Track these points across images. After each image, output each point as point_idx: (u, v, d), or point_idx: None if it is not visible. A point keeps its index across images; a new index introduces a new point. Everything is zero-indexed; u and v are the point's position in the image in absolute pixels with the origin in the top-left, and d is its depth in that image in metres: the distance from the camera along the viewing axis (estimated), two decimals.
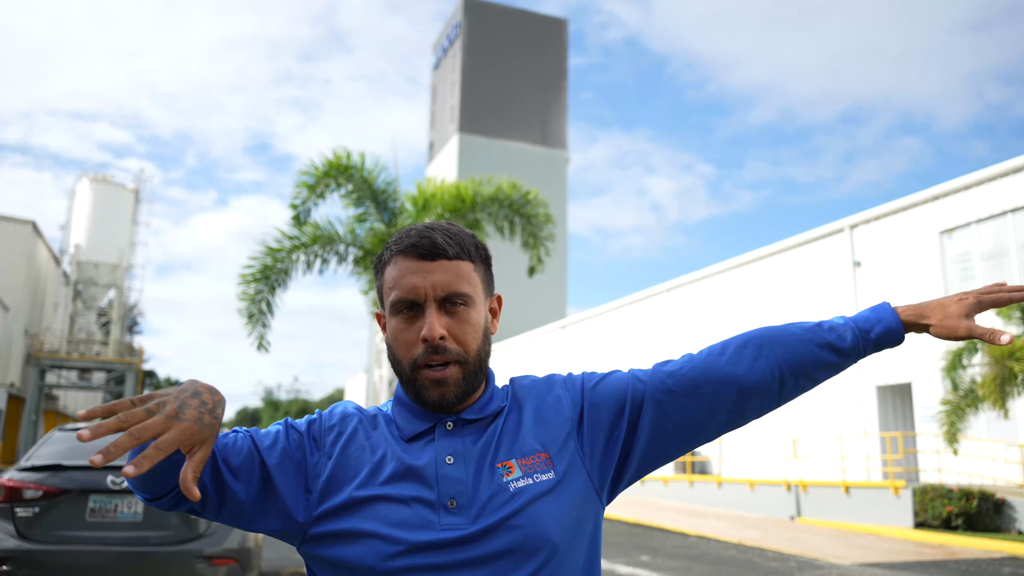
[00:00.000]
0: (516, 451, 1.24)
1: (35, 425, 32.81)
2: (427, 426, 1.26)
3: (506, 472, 1.21)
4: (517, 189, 10.94)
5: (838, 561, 11.12)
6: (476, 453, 1.24)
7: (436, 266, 1.23)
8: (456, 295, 1.24)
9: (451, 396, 1.23)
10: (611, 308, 31.99)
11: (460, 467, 1.22)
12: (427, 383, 1.23)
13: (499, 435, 1.26)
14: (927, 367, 17.90)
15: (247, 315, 10.58)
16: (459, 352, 1.23)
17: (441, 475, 1.21)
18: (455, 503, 1.19)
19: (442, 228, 1.27)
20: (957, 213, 18.17)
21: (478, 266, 1.29)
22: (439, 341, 1.21)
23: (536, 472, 1.22)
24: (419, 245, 1.24)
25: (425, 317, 1.22)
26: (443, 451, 1.23)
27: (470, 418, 1.26)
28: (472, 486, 1.20)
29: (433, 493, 1.19)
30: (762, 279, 23.72)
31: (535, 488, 1.20)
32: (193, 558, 5.23)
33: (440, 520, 1.18)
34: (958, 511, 14.28)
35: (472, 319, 1.25)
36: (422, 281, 1.22)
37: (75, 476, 5.22)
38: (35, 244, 33.86)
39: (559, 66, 69.76)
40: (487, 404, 1.29)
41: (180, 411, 1.04)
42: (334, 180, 10.63)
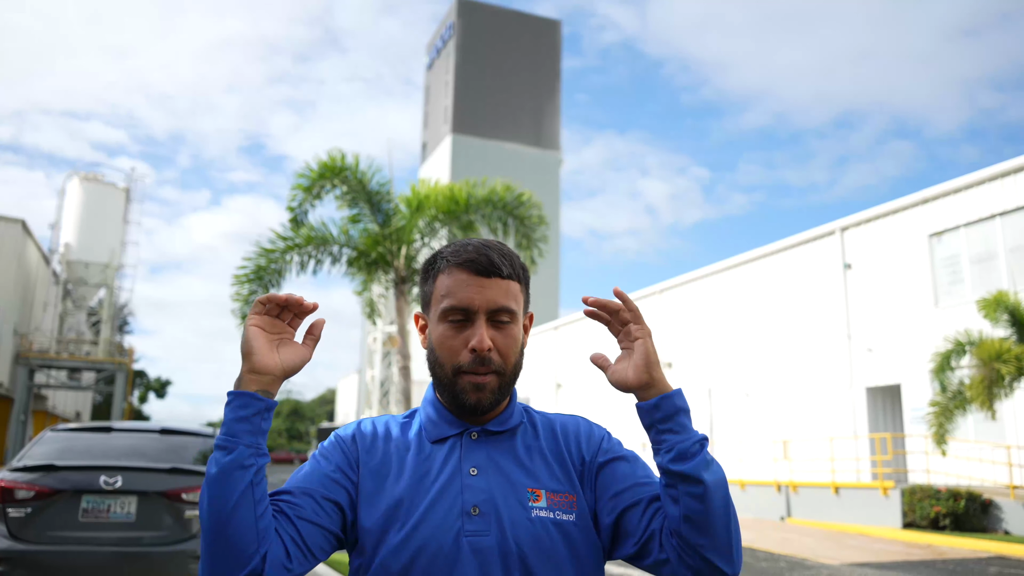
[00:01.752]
0: (548, 484, 1.31)
1: (24, 425, 32.63)
2: (454, 432, 1.34)
3: (534, 499, 1.29)
4: (511, 191, 10.97)
5: (828, 561, 11.18)
6: (498, 467, 1.31)
7: (491, 283, 1.31)
8: (505, 311, 1.32)
9: (487, 402, 1.31)
10: None
11: (483, 479, 1.29)
12: (467, 387, 1.30)
13: (530, 458, 1.34)
14: (916, 369, 18.01)
15: (240, 316, 10.57)
16: (500, 364, 1.31)
17: (465, 485, 1.28)
18: (477, 510, 1.26)
19: (497, 248, 1.35)
20: (947, 216, 18.28)
21: (522, 286, 1.38)
22: (486, 353, 1.29)
23: (559, 510, 1.29)
24: (477, 261, 1.32)
25: (475, 328, 1.30)
26: (467, 462, 1.31)
27: (494, 430, 1.34)
28: (494, 497, 1.27)
29: (458, 499, 1.27)
30: (754, 281, 23.81)
31: (553, 523, 1.27)
32: (186, 558, 5.23)
33: (464, 526, 1.25)
34: (946, 512, 14.38)
35: (514, 335, 1.34)
36: (477, 295, 1.30)
37: (68, 476, 5.22)
38: (25, 243, 33.69)
39: (553, 67, 69.82)
40: (509, 418, 1.37)
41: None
42: (329, 182, 10.64)
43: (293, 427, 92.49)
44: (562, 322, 35.31)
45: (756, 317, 23.39)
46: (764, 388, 22.71)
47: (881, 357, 19.26)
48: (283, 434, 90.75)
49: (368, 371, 60.44)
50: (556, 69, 69.90)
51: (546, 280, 58.40)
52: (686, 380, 26.22)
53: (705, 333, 25.59)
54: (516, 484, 1.29)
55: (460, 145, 63.74)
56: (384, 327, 52.27)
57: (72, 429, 6.05)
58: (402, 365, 10.68)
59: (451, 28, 67.60)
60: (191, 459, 5.79)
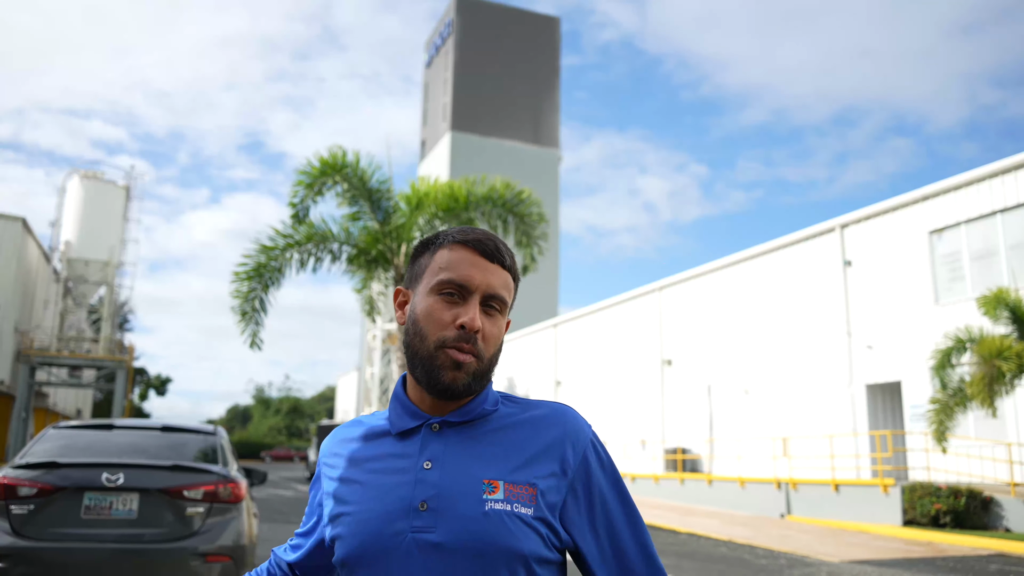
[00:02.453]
0: (507, 474, 1.25)
1: (25, 423, 32.65)
2: (415, 424, 1.31)
3: (490, 490, 1.23)
4: (511, 188, 10.96)
5: (828, 559, 11.20)
6: (455, 460, 1.27)
7: (492, 268, 1.31)
8: (498, 299, 1.31)
9: (461, 383, 1.26)
10: (603, 307, 32.04)
11: (436, 472, 1.25)
12: (447, 363, 1.26)
13: (491, 448, 1.28)
14: (917, 366, 18.02)
15: (240, 313, 10.56)
16: (482, 350, 1.28)
17: (418, 479, 1.25)
18: (425, 506, 1.22)
19: (500, 239, 1.36)
20: (947, 213, 18.28)
21: (514, 286, 1.37)
22: (474, 333, 1.27)
23: (517, 502, 1.23)
24: (484, 243, 1.31)
25: (468, 306, 1.27)
26: (424, 455, 1.27)
27: (455, 420, 1.30)
28: (445, 492, 1.23)
29: (409, 492, 1.24)
30: (754, 278, 23.80)
31: (508, 515, 1.22)
32: (188, 555, 5.23)
33: (411, 522, 1.21)
34: (946, 509, 14.39)
35: (499, 326, 1.32)
36: (478, 275, 1.29)
37: (70, 474, 5.22)
38: (25, 241, 33.68)
39: (552, 64, 69.78)
40: (473, 409, 1.31)
41: None
42: (331, 179, 10.63)
43: (293, 424, 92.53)
44: (561, 319, 35.32)
45: (756, 314, 23.40)
46: (764, 385, 22.71)
47: (881, 354, 19.27)
48: (283, 431, 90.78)
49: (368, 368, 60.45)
50: (555, 66, 69.86)
51: (545, 277, 58.37)
52: (685, 377, 26.23)
53: (705, 330, 25.59)
54: (472, 476, 1.24)
55: (459, 142, 63.72)
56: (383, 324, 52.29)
57: (74, 426, 6.05)
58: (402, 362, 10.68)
59: (450, 25, 67.54)
60: (192, 456, 5.80)
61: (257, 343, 10.78)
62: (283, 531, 12.96)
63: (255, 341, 10.76)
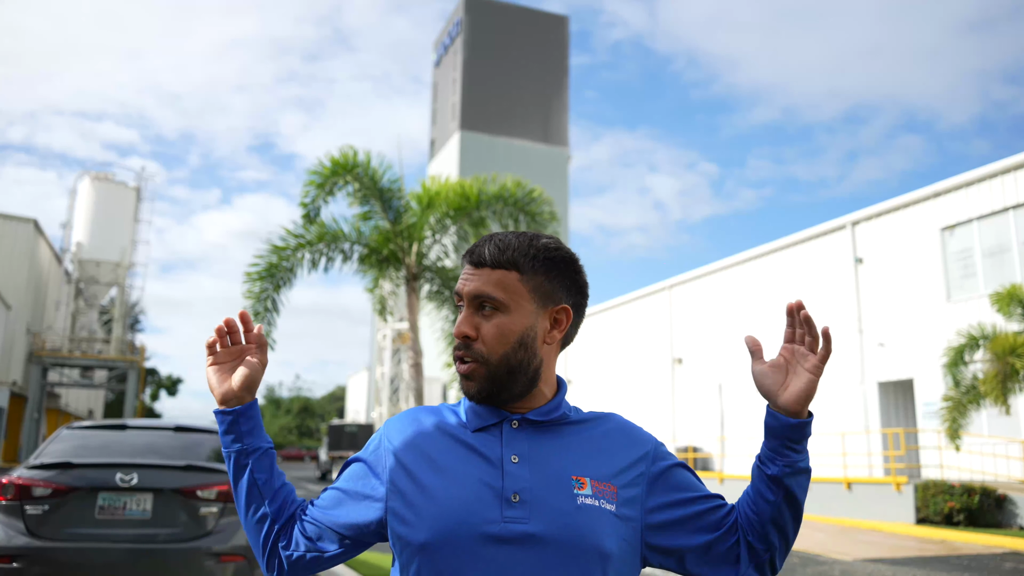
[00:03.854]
0: (592, 472, 1.30)
1: (37, 423, 32.86)
2: (493, 421, 1.33)
3: (578, 486, 1.28)
4: (522, 187, 10.94)
5: (841, 557, 11.15)
6: (542, 457, 1.30)
7: (480, 272, 1.33)
8: (485, 298, 1.31)
9: (473, 391, 1.31)
10: (613, 305, 31.99)
11: (524, 467, 1.28)
12: (459, 376, 1.36)
13: (578, 449, 1.33)
14: (929, 364, 17.92)
15: (253, 313, 10.59)
16: (481, 352, 1.30)
17: (506, 471, 1.28)
18: (518, 498, 1.25)
19: (499, 239, 1.36)
20: (959, 210, 18.17)
21: (531, 276, 1.33)
22: (463, 339, 1.32)
23: (603, 498, 1.28)
24: (472, 252, 1.36)
25: (460, 317, 1.37)
26: (509, 450, 1.30)
27: (534, 419, 1.33)
28: (535, 486, 1.26)
29: (499, 482, 1.26)
30: (764, 276, 23.73)
31: (598, 511, 1.27)
32: (202, 555, 5.25)
33: (503, 512, 1.24)
34: (960, 507, 14.31)
35: (501, 324, 1.31)
36: (467, 285, 1.33)
37: (84, 474, 5.24)
38: (37, 242, 33.88)
39: (560, 63, 69.70)
40: (552, 411, 1.35)
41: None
42: (342, 178, 10.64)
43: (303, 424, 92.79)
44: None
45: (767, 312, 23.32)
46: None
47: (893, 352, 19.18)
48: (293, 431, 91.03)
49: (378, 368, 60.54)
50: (564, 65, 69.77)
51: None
52: (697, 376, 26.17)
53: (715, 329, 25.52)
54: (561, 471, 1.28)
55: (468, 142, 63.73)
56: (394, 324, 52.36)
57: (88, 427, 6.08)
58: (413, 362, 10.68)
59: (459, 25, 67.57)
60: (205, 456, 5.82)
61: (270, 343, 10.81)
62: None
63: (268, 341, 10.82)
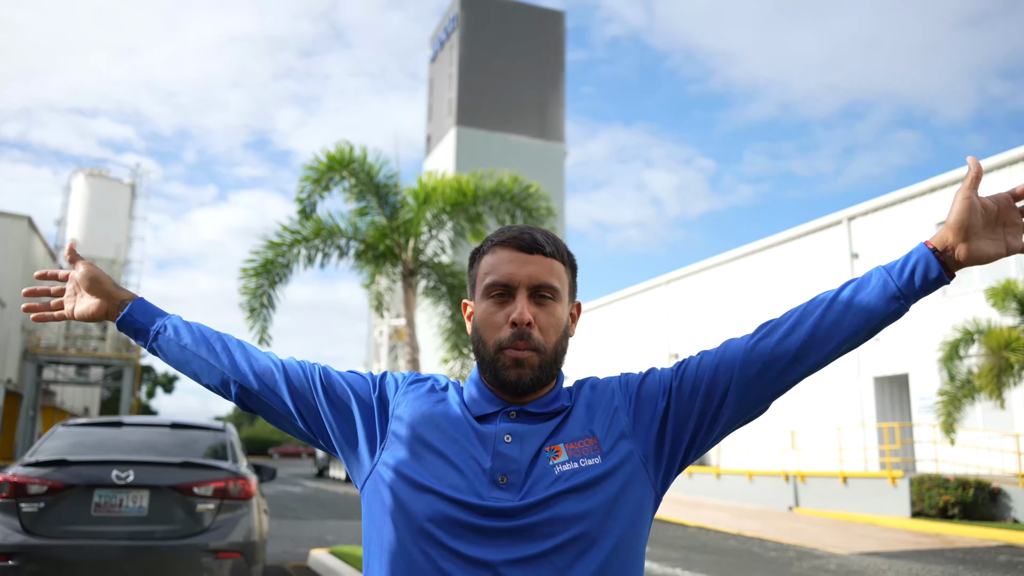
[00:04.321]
0: (564, 437, 1.30)
1: (33, 421, 32.79)
2: (493, 410, 1.33)
3: (553, 456, 1.27)
4: (519, 183, 10.91)
5: (836, 551, 11.19)
6: (533, 439, 1.30)
7: (532, 259, 1.33)
8: (546, 287, 1.33)
9: (527, 379, 1.30)
10: (610, 301, 32.02)
11: (516, 447, 1.28)
12: (508, 363, 1.30)
13: (554, 424, 1.33)
14: (924, 358, 17.97)
15: (249, 309, 10.56)
16: (540, 341, 1.31)
17: (497, 451, 1.28)
18: (505, 479, 1.25)
19: (541, 230, 1.37)
20: None
21: (567, 269, 1.39)
22: (526, 327, 1.29)
23: (583, 457, 1.28)
24: (520, 238, 1.34)
25: (516, 303, 1.31)
26: (503, 431, 1.30)
27: (533, 411, 1.33)
28: (524, 467, 1.26)
29: (488, 463, 1.26)
30: (761, 271, 23.76)
31: (581, 473, 1.26)
32: (198, 552, 5.25)
33: (489, 493, 1.24)
34: (954, 500, 14.36)
35: (557, 313, 1.34)
36: (519, 270, 1.32)
37: (80, 471, 5.24)
38: (31, 239, 33.78)
39: (557, 59, 69.61)
40: (552, 401, 1.35)
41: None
42: (338, 174, 10.61)
43: None
44: None
45: (763, 307, 23.34)
46: None
47: (889, 347, 19.23)
48: None
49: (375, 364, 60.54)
50: (560, 60, 69.68)
51: None
52: None
53: (712, 324, 25.54)
54: (543, 450, 1.28)
55: (464, 137, 63.64)
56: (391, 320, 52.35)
57: (83, 424, 6.07)
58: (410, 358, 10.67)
59: (454, 20, 67.43)
60: (202, 453, 5.82)
61: (265, 339, 10.78)
62: (293, 527, 13.00)
63: (263, 337, 10.77)
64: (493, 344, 1.31)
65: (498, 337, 1.31)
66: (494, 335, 1.31)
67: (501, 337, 1.30)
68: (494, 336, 1.31)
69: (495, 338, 1.31)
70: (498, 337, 1.31)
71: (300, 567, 9.00)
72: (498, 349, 1.31)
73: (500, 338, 1.31)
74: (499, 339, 1.31)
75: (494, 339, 1.31)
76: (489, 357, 1.32)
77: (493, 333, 1.32)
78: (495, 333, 1.31)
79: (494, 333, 1.32)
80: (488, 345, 1.32)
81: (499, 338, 1.31)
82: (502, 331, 1.31)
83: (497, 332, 1.31)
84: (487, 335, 1.32)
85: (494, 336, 1.31)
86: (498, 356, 1.31)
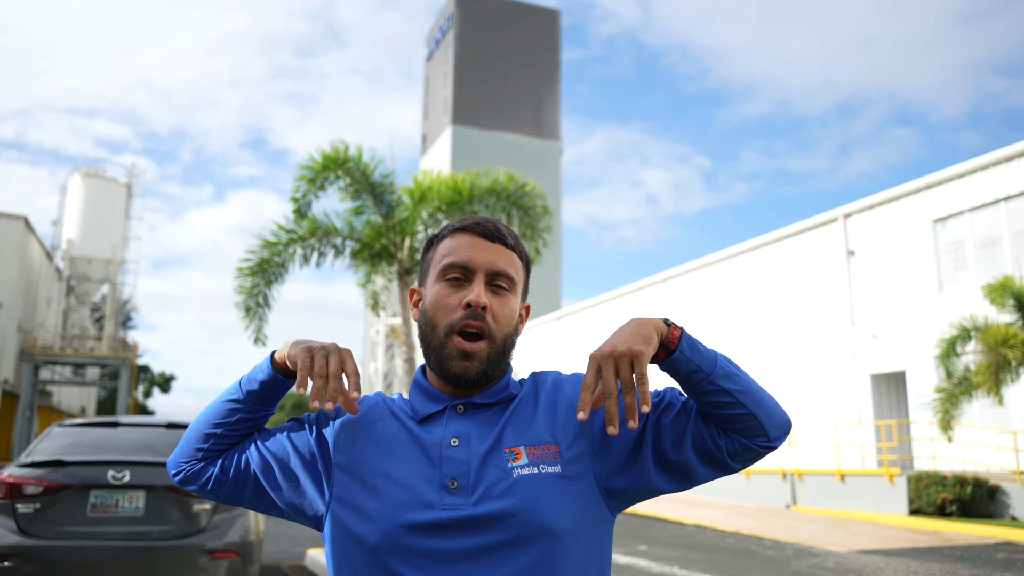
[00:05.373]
0: (526, 439, 1.25)
1: (29, 421, 32.72)
2: (439, 408, 1.29)
3: (512, 458, 1.23)
4: (514, 181, 10.92)
5: (834, 548, 11.19)
6: (482, 436, 1.25)
7: (493, 247, 1.30)
8: (504, 276, 1.30)
9: (473, 372, 1.26)
10: (606, 299, 32.02)
11: (464, 449, 1.24)
12: (455, 353, 1.25)
13: (509, 421, 1.27)
14: (921, 355, 17.98)
15: (244, 308, 10.56)
16: (492, 329, 1.27)
17: (444, 456, 1.23)
18: (456, 484, 1.21)
19: (497, 221, 1.35)
20: (950, 202, 18.22)
21: (523, 267, 1.36)
22: (480, 310, 1.25)
23: (542, 463, 1.23)
24: (483, 225, 1.31)
25: (473, 286, 1.27)
26: (449, 433, 1.25)
27: (480, 402, 1.29)
28: (474, 468, 1.22)
29: (435, 473, 1.22)
30: (757, 269, 23.77)
31: (539, 478, 1.21)
32: (195, 552, 5.23)
33: (441, 500, 1.20)
34: (952, 498, 14.37)
35: (511, 304, 1.31)
36: (480, 255, 1.29)
37: (76, 472, 5.22)
38: (27, 240, 33.69)
39: (552, 57, 69.61)
40: (500, 391, 1.31)
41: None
42: (333, 173, 10.61)
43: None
44: (564, 312, 35.29)
45: (759, 305, 23.36)
46: (768, 376, 22.68)
47: (885, 344, 19.24)
48: None
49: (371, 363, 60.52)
50: (555, 59, 69.69)
51: (548, 271, 58.36)
52: None
53: (708, 322, 25.55)
54: (496, 449, 1.23)
55: (460, 136, 63.63)
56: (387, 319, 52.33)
57: (79, 424, 6.05)
58: (407, 357, 10.67)
59: (450, 19, 67.40)
60: None
61: (261, 339, 10.78)
62: (289, 527, 12.97)
63: (259, 337, 10.76)
64: (444, 327, 1.26)
65: (450, 319, 1.26)
66: (446, 318, 1.26)
67: (454, 319, 1.25)
68: (445, 319, 1.26)
69: (447, 320, 1.26)
70: (450, 319, 1.26)
71: (297, 567, 8.98)
72: (448, 333, 1.25)
73: (452, 319, 1.25)
74: (451, 320, 1.26)
75: (445, 322, 1.26)
76: (438, 342, 1.26)
77: (445, 316, 1.26)
78: (447, 316, 1.26)
79: (446, 316, 1.26)
80: (438, 329, 1.26)
81: (451, 319, 1.26)
82: (454, 313, 1.26)
83: (449, 314, 1.26)
84: (438, 318, 1.27)
85: (445, 319, 1.26)
86: (447, 341, 1.25)
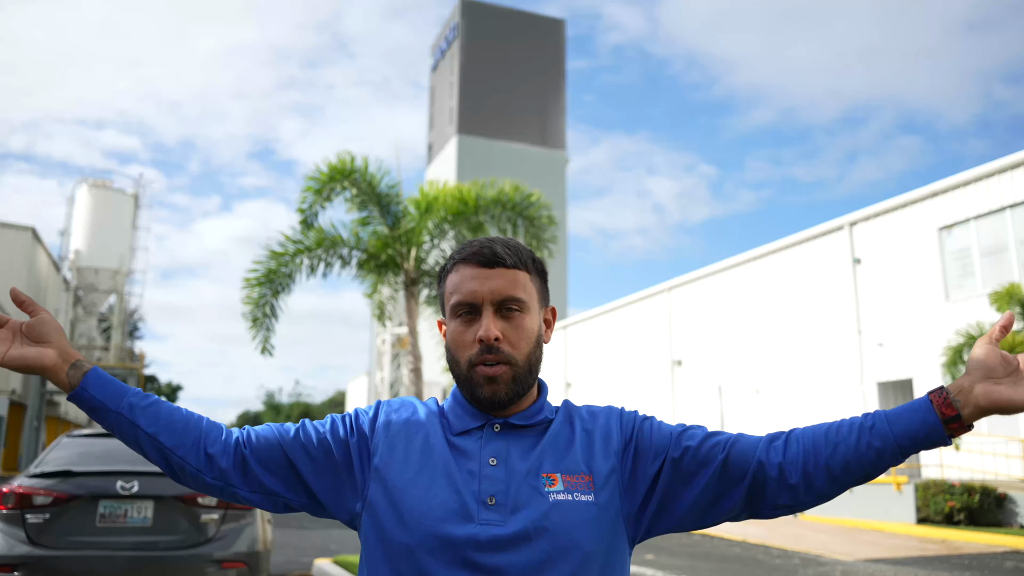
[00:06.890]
0: (563, 467, 1.31)
1: (37, 432, 32.78)
2: (476, 424, 1.34)
3: (549, 483, 1.28)
4: (520, 191, 10.96)
5: (842, 557, 11.15)
6: (519, 458, 1.31)
7: (494, 273, 1.33)
8: (511, 300, 1.33)
9: (502, 394, 1.31)
10: (612, 308, 32.01)
11: (501, 469, 1.29)
12: (481, 380, 1.31)
13: (547, 446, 1.33)
14: (928, 363, 17.93)
15: (251, 319, 10.60)
16: (511, 354, 1.31)
17: (484, 474, 1.29)
18: (493, 500, 1.26)
19: (502, 240, 1.37)
20: (956, 210, 18.20)
21: (534, 277, 1.39)
22: (494, 342, 1.30)
23: (577, 491, 1.29)
24: (480, 253, 1.34)
25: (482, 320, 1.31)
26: (487, 452, 1.31)
27: (517, 423, 1.34)
28: (513, 488, 1.27)
29: (474, 488, 1.27)
30: (763, 277, 23.75)
31: (573, 504, 1.27)
32: (203, 562, 5.25)
33: (479, 514, 1.25)
34: (960, 506, 14.31)
35: (525, 325, 1.34)
36: (480, 286, 1.32)
37: (85, 482, 5.25)
38: (35, 250, 33.86)
39: (557, 67, 69.79)
40: (536, 413, 1.36)
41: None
42: (339, 184, 10.67)
43: None
44: (571, 321, 35.29)
45: (765, 313, 23.34)
46: (774, 384, 22.64)
47: (892, 352, 19.19)
48: None
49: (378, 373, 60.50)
50: (561, 68, 69.86)
51: (554, 280, 58.33)
52: (696, 377, 26.17)
53: (715, 330, 25.53)
54: (533, 472, 1.29)
55: (466, 146, 63.79)
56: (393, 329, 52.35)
57: (88, 435, 6.08)
58: (413, 367, 10.69)
59: (455, 29, 67.66)
60: None
61: (268, 349, 10.81)
62: (297, 536, 12.98)
63: (266, 347, 10.80)
64: (465, 362, 1.33)
65: (468, 355, 1.32)
66: (465, 353, 1.33)
67: (471, 354, 1.32)
68: (465, 354, 1.33)
69: (466, 356, 1.33)
70: (468, 355, 1.32)
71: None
72: (470, 367, 1.32)
73: (470, 355, 1.32)
74: (469, 356, 1.32)
75: (465, 357, 1.33)
76: (463, 376, 1.33)
77: (464, 352, 1.33)
78: (465, 351, 1.33)
79: (464, 352, 1.33)
80: (460, 364, 1.34)
81: (469, 355, 1.32)
82: (471, 348, 1.32)
83: (468, 350, 1.32)
84: (459, 354, 1.34)
85: (465, 354, 1.33)
86: (471, 374, 1.32)
